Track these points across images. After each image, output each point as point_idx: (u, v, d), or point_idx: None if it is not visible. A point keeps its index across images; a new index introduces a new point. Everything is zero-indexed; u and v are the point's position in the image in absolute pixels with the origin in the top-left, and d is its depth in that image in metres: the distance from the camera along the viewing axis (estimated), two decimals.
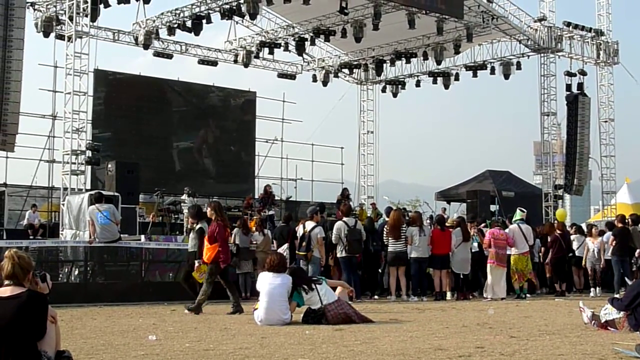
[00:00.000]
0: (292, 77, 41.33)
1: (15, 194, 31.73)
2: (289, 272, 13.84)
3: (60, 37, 30.20)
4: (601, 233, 23.41)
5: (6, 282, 6.91)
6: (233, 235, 21.48)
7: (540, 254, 23.43)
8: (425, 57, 37.54)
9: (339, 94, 43.48)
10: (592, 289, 22.67)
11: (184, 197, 28.66)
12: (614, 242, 21.47)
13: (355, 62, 40.16)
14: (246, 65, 37.72)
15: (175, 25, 32.99)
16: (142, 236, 22.52)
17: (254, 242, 21.24)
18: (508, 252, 21.19)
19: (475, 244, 21.90)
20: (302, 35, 35.28)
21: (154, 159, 35.14)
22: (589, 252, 23.01)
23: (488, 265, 20.80)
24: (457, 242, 20.95)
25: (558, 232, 23.05)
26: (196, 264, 15.95)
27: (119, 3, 29.88)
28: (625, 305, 11.12)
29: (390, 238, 20.54)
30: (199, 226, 16.45)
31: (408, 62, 38.67)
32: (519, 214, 22.07)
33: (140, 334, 11.36)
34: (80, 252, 20.67)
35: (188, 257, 17.24)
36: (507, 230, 21.52)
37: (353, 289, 15.93)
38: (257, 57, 37.95)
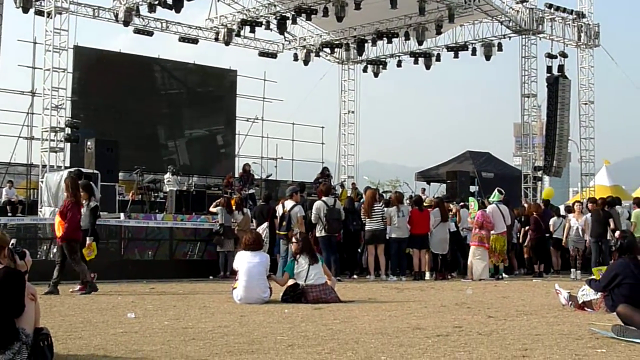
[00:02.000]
0: (273, 55, 41.16)
1: None
2: (303, 237, 13.91)
3: (39, 12, 29.83)
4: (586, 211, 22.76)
5: None
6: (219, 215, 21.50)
7: (519, 234, 23.55)
8: (407, 38, 37.47)
9: (320, 74, 43.43)
10: (572, 271, 22.08)
11: (168, 175, 28.60)
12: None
13: (337, 42, 40.03)
14: (227, 43, 37.53)
15: (156, 2, 32.63)
16: (122, 214, 22.44)
17: (234, 221, 21.26)
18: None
19: (452, 224, 21.98)
20: (283, 14, 35.06)
21: (134, 137, 34.97)
22: (571, 230, 22.14)
23: (472, 247, 20.81)
24: (435, 223, 21.01)
25: (536, 213, 23.16)
26: (87, 241, 15.44)
27: None
28: (603, 286, 11.19)
29: (365, 217, 20.61)
30: (94, 204, 15.97)
31: (390, 42, 38.58)
32: (497, 195, 22.15)
33: (119, 312, 11.35)
34: None
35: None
36: (486, 211, 21.62)
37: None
38: (238, 35, 37.73)
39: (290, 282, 13.42)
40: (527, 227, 23.31)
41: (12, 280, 6.80)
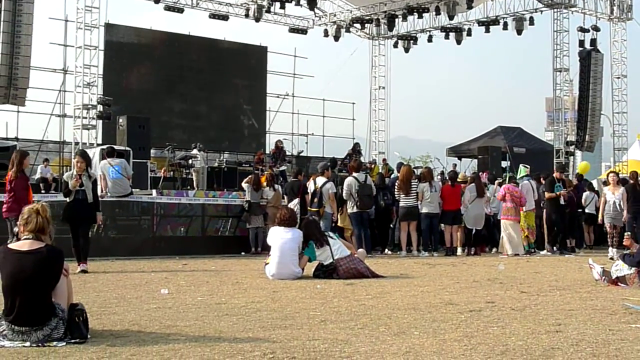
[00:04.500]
0: (303, 31, 41.05)
1: (26, 148, 31.59)
2: (304, 223, 13.91)
3: None
4: (623, 182, 20.89)
5: (26, 235, 6.93)
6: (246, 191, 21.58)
7: None
8: (438, 12, 37.23)
9: (351, 49, 43.27)
10: (610, 249, 19.52)
11: (195, 152, 28.69)
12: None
13: (367, 17, 39.86)
14: (257, 19, 37.49)
15: None
16: (154, 191, 22.56)
17: (265, 198, 21.30)
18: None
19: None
20: None
21: (165, 114, 35.11)
22: (607, 205, 19.71)
23: (503, 221, 20.71)
24: (471, 198, 20.89)
25: (569, 188, 22.93)
26: (99, 217, 15.34)
27: None
28: (637, 261, 11.14)
29: (401, 193, 20.55)
30: (94, 175, 15.60)
31: (420, 17, 38.35)
32: (523, 170, 22.00)
33: (153, 288, 11.43)
34: None
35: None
36: (519, 187, 21.46)
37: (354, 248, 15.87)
38: (268, 11, 37.69)
39: (316, 262, 13.38)
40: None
41: (55, 257, 6.89)
